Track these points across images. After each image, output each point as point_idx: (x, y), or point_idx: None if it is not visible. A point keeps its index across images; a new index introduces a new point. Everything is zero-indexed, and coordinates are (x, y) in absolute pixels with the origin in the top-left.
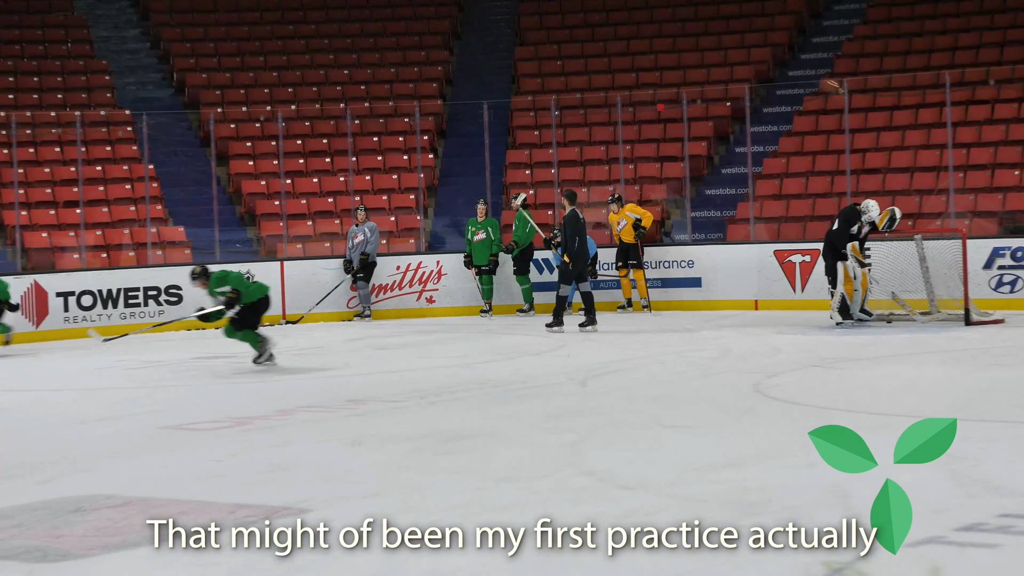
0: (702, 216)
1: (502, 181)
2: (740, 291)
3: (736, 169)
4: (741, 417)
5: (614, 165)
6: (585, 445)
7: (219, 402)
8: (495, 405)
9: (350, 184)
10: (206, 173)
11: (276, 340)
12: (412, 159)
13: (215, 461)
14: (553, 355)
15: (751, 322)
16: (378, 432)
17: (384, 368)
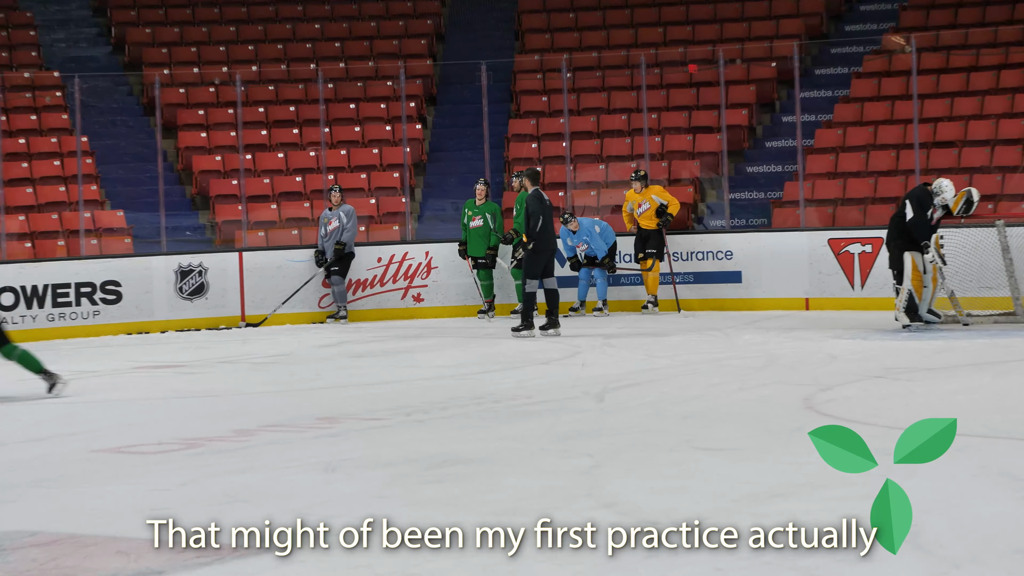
0: (742, 198)
1: (503, 157)
2: (788, 287)
3: (783, 142)
4: (789, 438)
5: (637, 138)
6: (603, 471)
7: (166, 420)
8: (495, 424)
9: (322, 160)
10: (150, 147)
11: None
12: (396, 130)
13: (161, 491)
14: (564, 364)
15: (801, 324)
16: (354, 456)
17: (362, 380)
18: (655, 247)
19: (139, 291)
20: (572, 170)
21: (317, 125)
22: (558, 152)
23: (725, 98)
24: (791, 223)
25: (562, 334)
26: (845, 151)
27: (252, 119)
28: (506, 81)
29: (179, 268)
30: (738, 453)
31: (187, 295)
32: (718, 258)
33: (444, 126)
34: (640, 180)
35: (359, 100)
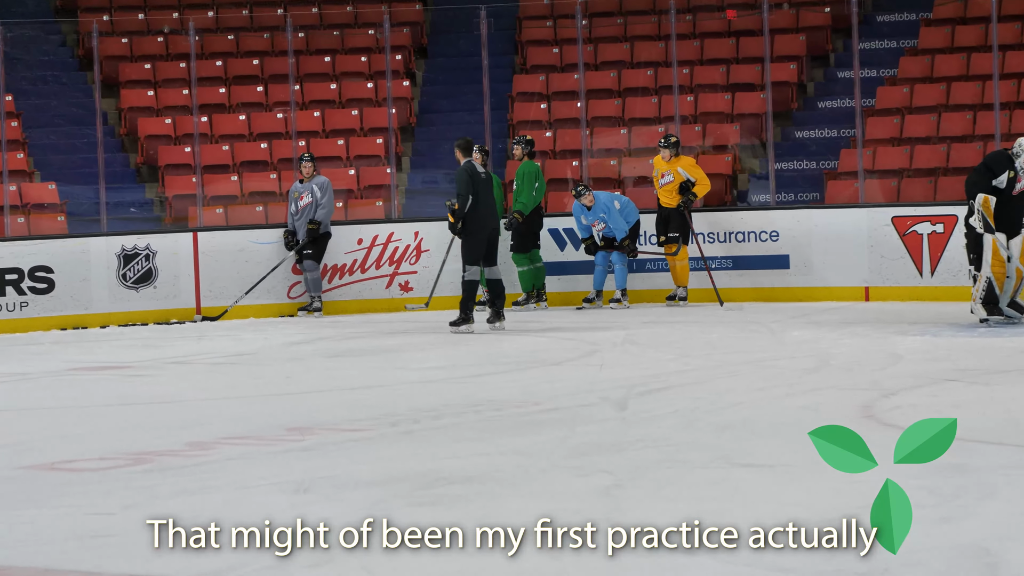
0: (790, 169)
1: (507, 119)
2: (844, 274)
3: (838, 102)
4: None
5: (665, 97)
6: (625, 492)
7: (109, 432)
8: (497, 436)
9: (292, 124)
10: (87, 108)
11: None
12: (380, 88)
13: (103, 515)
14: (579, 365)
15: (860, 318)
16: (331, 474)
17: (340, 383)
18: (678, 229)
19: (75, 278)
20: (588, 135)
21: (285, 82)
22: (571, 114)
23: (770, 50)
24: (848, 198)
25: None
26: (912, 112)
27: (208, 74)
28: (510, 29)
29: (122, 251)
30: (785, 471)
31: (132, 283)
32: (761, 240)
33: (436, 83)
34: (670, 147)
35: (335, 52)
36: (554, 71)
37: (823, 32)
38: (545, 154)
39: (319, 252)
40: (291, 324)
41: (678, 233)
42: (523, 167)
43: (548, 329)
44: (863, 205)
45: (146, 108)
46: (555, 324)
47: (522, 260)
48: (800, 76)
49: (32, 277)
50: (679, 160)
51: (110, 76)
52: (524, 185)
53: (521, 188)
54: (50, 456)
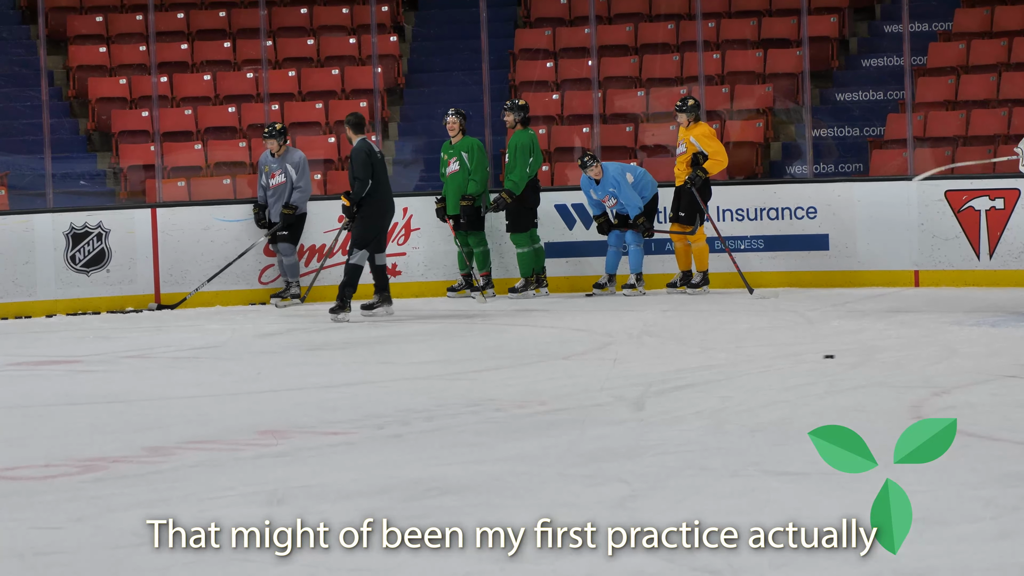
0: (830, 136)
1: (508, 80)
2: (891, 256)
3: (885, 59)
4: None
5: (689, 54)
6: (643, 504)
7: (55, 435)
8: (498, 440)
9: (263, 85)
10: (31, 66)
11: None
12: (363, 44)
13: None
14: (590, 359)
15: (909, 305)
16: (308, 484)
17: (318, 380)
18: (687, 208)
19: (17, 260)
20: (600, 98)
21: (256, 37)
22: (582, 73)
23: (807, 1)
24: (896, 170)
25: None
26: (969, 72)
27: (168, 28)
28: None
29: (71, 230)
30: (823, 480)
31: (82, 266)
32: (797, 217)
33: (428, 38)
34: (687, 111)
35: (312, 3)
36: (562, 25)
37: None
38: (552, 120)
39: (295, 234)
40: (263, 313)
41: (686, 212)
42: (516, 137)
43: (554, 319)
44: (913, 177)
45: (98, 67)
46: (562, 313)
47: (522, 240)
48: (841, 31)
49: None
50: (697, 127)
51: (56, 30)
52: (518, 159)
53: (514, 163)
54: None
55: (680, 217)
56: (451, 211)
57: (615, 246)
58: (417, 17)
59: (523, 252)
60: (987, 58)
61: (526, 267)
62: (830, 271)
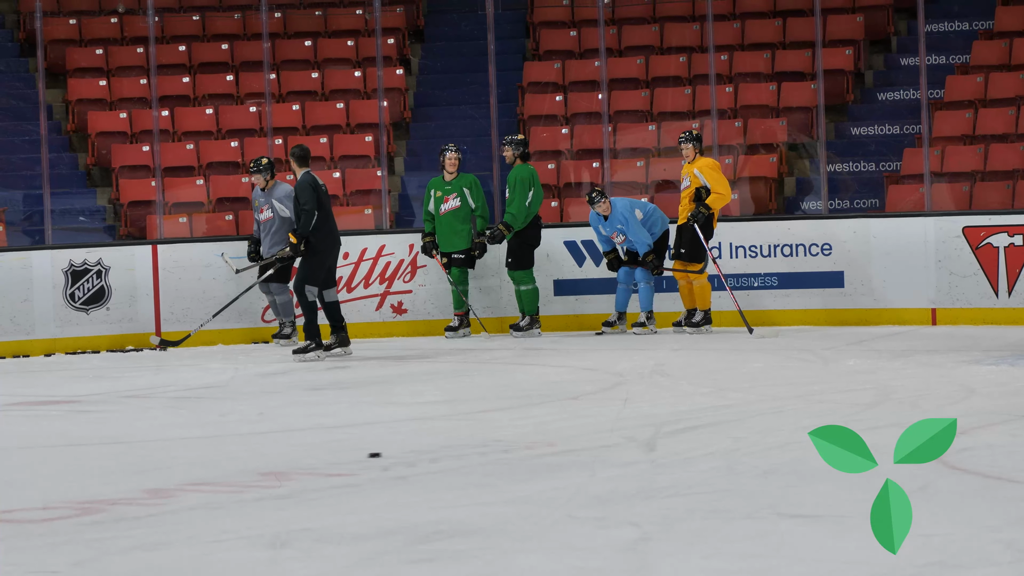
0: (845, 171)
1: (516, 113)
2: (908, 294)
3: (901, 93)
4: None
5: (701, 87)
6: (655, 547)
7: (53, 476)
8: (505, 482)
9: (267, 119)
10: (29, 100)
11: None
12: (369, 77)
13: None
14: (601, 399)
15: (926, 344)
16: (312, 527)
17: (322, 421)
18: (689, 245)
19: (15, 298)
20: (611, 132)
21: (259, 70)
22: (591, 107)
23: (822, 33)
24: (912, 205)
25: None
26: (987, 106)
27: (169, 61)
28: (520, 9)
29: (70, 267)
30: (840, 522)
31: (81, 304)
32: (811, 253)
33: (435, 72)
34: (692, 141)
35: (317, 35)
36: (571, 58)
37: (884, 12)
38: (560, 154)
39: (287, 272)
40: (265, 352)
41: (687, 250)
42: (515, 172)
43: (564, 358)
44: (930, 213)
45: (97, 100)
46: (572, 351)
47: (525, 278)
48: (857, 64)
49: None
50: (698, 161)
51: (56, 63)
52: (516, 193)
53: (513, 196)
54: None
55: (682, 254)
56: (446, 248)
57: (625, 283)
58: (424, 50)
59: (526, 289)
60: (1006, 91)
61: (530, 305)
62: (845, 309)
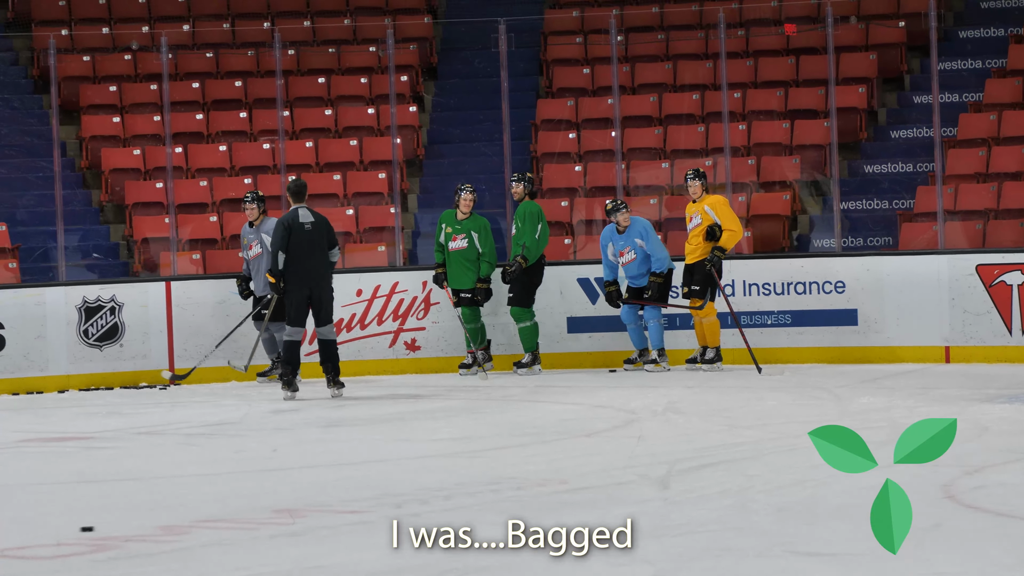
0: (858, 209)
1: (530, 151)
2: (921, 332)
3: (914, 131)
4: (923, 539)
5: (714, 125)
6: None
7: (66, 513)
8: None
9: (280, 156)
10: (43, 136)
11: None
12: (382, 114)
13: None
14: (614, 437)
15: (939, 382)
16: (326, 564)
17: (336, 458)
18: (700, 282)
19: (28, 335)
20: (624, 169)
21: (273, 107)
22: (604, 144)
23: (836, 70)
24: (925, 243)
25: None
26: (1000, 144)
27: (183, 98)
28: (533, 46)
29: (83, 304)
30: (853, 561)
31: (94, 341)
32: (825, 291)
33: (448, 109)
34: (698, 178)
35: (330, 72)
36: (584, 95)
37: (897, 50)
38: (574, 191)
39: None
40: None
41: (699, 286)
42: (525, 207)
43: (577, 395)
44: (943, 251)
45: (111, 137)
46: (585, 389)
47: (524, 315)
48: (870, 102)
49: None
50: (707, 198)
51: (69, 100)
52: (526, 225)
53: (523, 229)
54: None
55: (694, 291)
56: (455, 284)
57: (633, 323)
58: (437, 87)
59: (527, 326)
60: (1019, 129)
61: (530, 341)
62: (858, 347)
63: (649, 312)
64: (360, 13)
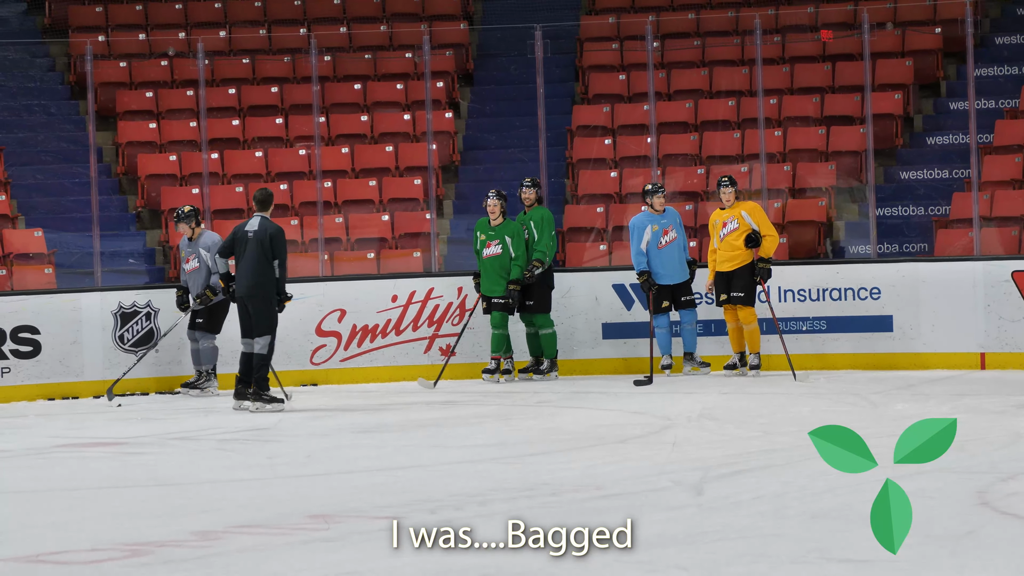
0: (894, 215)
1: (565, 157)
2: (957, 338)
3: (951, 137)
4: (957, 545)
5: (750, 131)
6: None
7: (101, 518)
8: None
9: (316, 162)
10: (80, 143)
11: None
12: (418, 120)
13: None
14: (648, 443)
15: (975, 389)
16: (359, 569)
17: (370, 464)
18: (742, 288)
19: (64, 340)
20: (659, 175)
21: (309, 113)
22: (640, 150)
23: (871, 77)
24: (961, 250)
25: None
26: None
27: (219, 104)
28: (569, 53)
29: (119, 309)
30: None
31: (130, 346)
32: (860, 297)
33: (484, 115)
34: (729, 185)
35: (366, 79)
36: (620, 101)
37: (933, 57)
38: (610, 198)
39: (215, 322)
40: (313, 395)
41: (742, 293)
42: (540, 212)
43: (611, 401)
44: (979, 258)
45: (147, 143)
46: (619, 395)
47: (547, 321)
48: (906, 108)
49: (15, 339)
50: (742, 204)
51: (106, 106)
52: (544, 229)
53: (541, 234)
54: (34, 547)
55: (740, 298)
56: (487, 291)
57: (665, 327)
58: (473, 93)
59: (549, 333)
60: None
61: (552, 348)
62: (894, 353)
63: (685, 315)
64: (396, 19)
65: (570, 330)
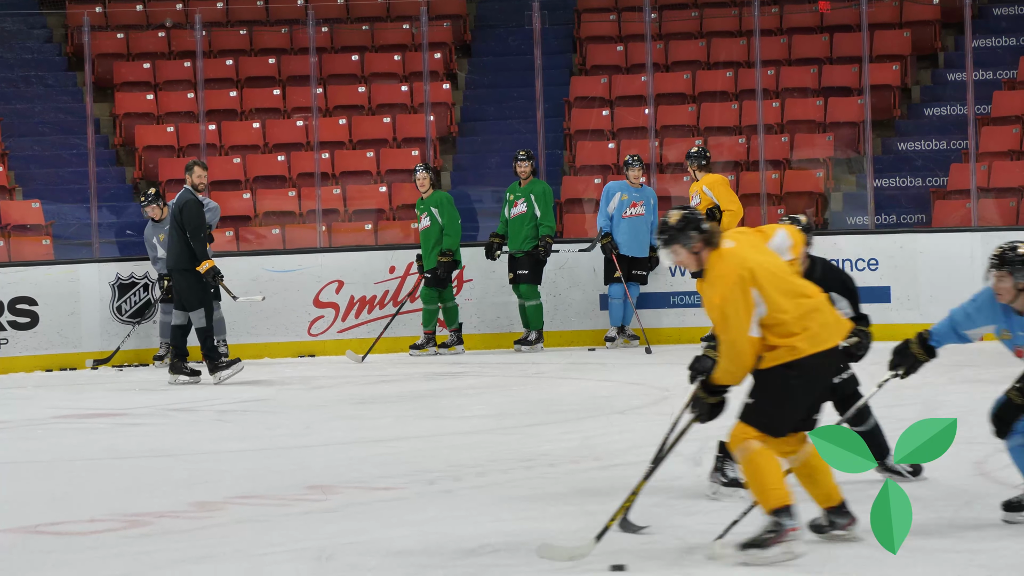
0: (892, 186)
1: (563, 128)
2: None
3: (949, 109)
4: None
5: (748, 102)
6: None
7: (100, 489)
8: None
9: (314, 133)
10: (77, 114)
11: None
12: (416, 92)
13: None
14: (647, 414)
15: (972, 360)
16: (358, 540)
17: (368, 435)
18: None
19: (62, 312)
20: (657, 146)
21: (306, 84)
22: (638, 121)
23: (869, 47)
24: (959, 221)
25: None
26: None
27: (217, 75)
28: (567, 24)
29: (117, 280)
30: None
31: (128, 317)
32: (858, 268)
33: (481, 86)
34: (696, 159)
35: (364, 50)
36: (618, 72)
37: (931, 28)
38: (607, 169)
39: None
40: (311, 366)
41: None
42: (539, 186)
43: (609, 372)
44: (976, 229)
45: (145, 114)
46: (617, 366)
47: (534, 293)
48: (904, 79)
49: (12, 310)
50: (706, 178)
51: (103, 77)
52: (549, 203)
53: (545, 208)
54: (33, 518)
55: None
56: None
57: (619, 298)
58: (470, 64)
59: (535, 304)
60: None
61: (537, 320)
62: (891, 324)
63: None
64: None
65: (567, 301)
